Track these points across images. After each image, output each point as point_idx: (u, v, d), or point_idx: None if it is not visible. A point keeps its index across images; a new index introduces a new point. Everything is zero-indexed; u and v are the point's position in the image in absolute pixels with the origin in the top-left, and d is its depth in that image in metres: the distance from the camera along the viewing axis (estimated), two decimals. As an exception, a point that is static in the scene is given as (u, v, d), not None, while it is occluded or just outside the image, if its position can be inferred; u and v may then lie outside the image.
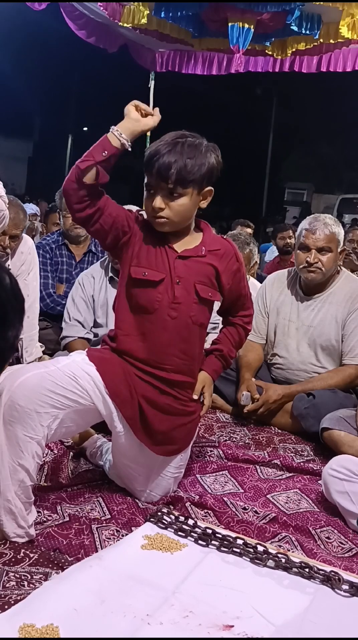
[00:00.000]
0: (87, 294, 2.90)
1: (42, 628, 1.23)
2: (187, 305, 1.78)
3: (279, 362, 2.88)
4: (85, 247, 3.62)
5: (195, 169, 1.71)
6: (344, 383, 2.69)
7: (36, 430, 1.55)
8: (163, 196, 1.73)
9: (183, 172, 1.69)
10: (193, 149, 1.72)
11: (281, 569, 1.53)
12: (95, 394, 1.67)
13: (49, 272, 3.54)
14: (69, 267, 3.59)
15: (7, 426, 1.53)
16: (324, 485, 1.92)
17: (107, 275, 2.88)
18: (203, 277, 1.81)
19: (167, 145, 1.72)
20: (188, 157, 1.70)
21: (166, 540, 1.61)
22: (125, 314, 1.80)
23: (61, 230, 3.74)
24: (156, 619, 1.30)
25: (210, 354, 1.98)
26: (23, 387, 1.55)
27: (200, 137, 1.78)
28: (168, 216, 1.74)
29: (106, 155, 1.66)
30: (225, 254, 1.87)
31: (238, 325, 2.03)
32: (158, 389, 1.77)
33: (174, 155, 1.69)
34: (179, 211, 1.75)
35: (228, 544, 1.60)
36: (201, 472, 2.14)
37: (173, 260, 1.78)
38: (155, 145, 1.73)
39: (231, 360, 2.05)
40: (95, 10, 5.87)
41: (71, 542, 1.59)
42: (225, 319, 2.06)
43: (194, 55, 6.78)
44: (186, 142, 1.72)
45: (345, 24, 5.23)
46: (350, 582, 1.49)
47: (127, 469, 1.86)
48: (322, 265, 2.72)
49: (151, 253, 1.78)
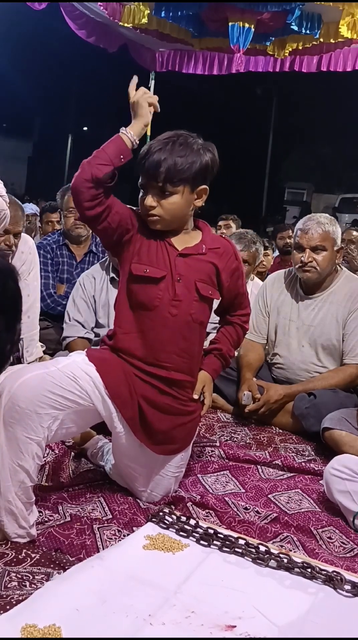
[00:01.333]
0: (88, 295, 2.90)
1: (44, 628, 1.22)
2: (187, 303, 1.78)
3: (280, 362, 2.88)
4: (86, 248, 3.62)
5: (185, 167, 1.71)
6: (345, 383, 2.68)
7: (36, 432, 1.55)
8: (154, 194, 1.74)
9: (172, 170, 1.69)
10: (185, 147, 1.72)
11: (283, 569, 1.53)
12: (95, 394, 1.67)
13: (50, 273, 3.54)
14: (69, 267, 3.58)
15: (7, 427, 1.53)
16: (326, 484, 1.92)
17: (108, 276, 2.88)
18: (204, 275, 1.81)
19: (159, 143, 1.72)
20: (178, 156, 1.70)
21: (168, 540, 1.61)
22: (125, 312, 1.80)
23: (61, 230, 3.73)
24: (157, 619, 1.29)
25: (209, 354, 1.97)
26: (24, 388, 1.55)
27: (195, 136, 1.78)
28: (159, 214, 1.75)
29: (124, 160, 1.69)
30: (224, 252, 1.87)
31: (236, 324, 2.03)
32: (157, 388, 1.77)
33: (164, 153, 1.70)
34: (171, 209, 1.75)
35: (230, 544, 1.60)
36: (203, 472, 2.14)
37: (174, 258, 1.78)
38: (148, 144, 1.74)
39: (231, 359, 2.05)
40: (95, 10, 5.88)
41: (73, 542, 1.58)
42: (223, 318, 2.06)
43: (195, 55, 6.79)
44: (178, 140, 1.73)
45: (345, 23, 5.24)
46: (352, 582, 1.49)
47: (128, 469, 1.86)
48: (317, 265, 2.73)
49: (152, 251, 1.78)
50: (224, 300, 1.96)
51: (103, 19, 6.00)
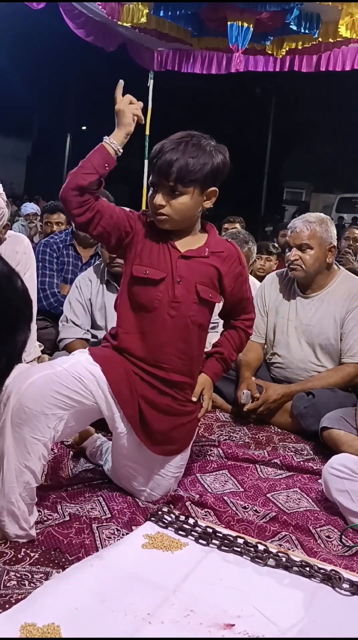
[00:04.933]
0: (85, 297, 2.91)
1: (43, 627, 1.23)
2: (187, 305, 1.78)
3: (278, 361, 2.88)
4: (92, 250, 3.58)
5: (197, 168, 1.71)
6: (343, 382, 2.69)
7: (43, 432, 1.56)
8: (164, 194, 1.74)
9: (183, 170, 1.70)
10: (197, 148, 1.72)
11: (281, 568, 1.53)
12: (99, 394, 1.68)
13: (55, 272, 3.50)
14: (74, 267, 3.55)
15: (15, 428, 1.53)
16: (324, 483, 1.92)
17: (103, 281, 2.89)
18: (205, 278, 1.81)
19: (172, 143, 1.73)
20: (191, 157, 1.70)
21: (167, 539, 1.61)
22: (126, 312, 1.81)
23: (70, 229, 3.70)
24: (156, 618, 1.30)
25: (211, 357, 1.98)
26: (31, 389, 1.56)
27: (208, 137, 1.78)
28: (168, 214, 1.75)
29: (109, 169, 1.71)
30: (228, 256, 1.87)
31: (240, 328, 2.02)
32: (157, 389, 1.77)
33: (177, 153, 1.70)
34: (180, 209, 1.75)
35: (229, 543, 1.60)
36: (201, 472, 2.14)
37: (176, 260, 1.78)
38: (161, 143, 1.74)
39: (232, 363, 2.05)
40: (94, 9, 5.87)
41: (72, 542, 1.58)
42: (227, 322, 2.06)
43: (193, 54, 6.77)
44: (191, 141, 1.73)
45: (344, 23, 5.24)
46: (351, 580, 1.49)
47: (127, 469, 1.86)
48: (303, 263, 2.73)
49: (154, 252, 1.79)
50: (227, 304, 1.96)
51: (102, 18, 5.99)
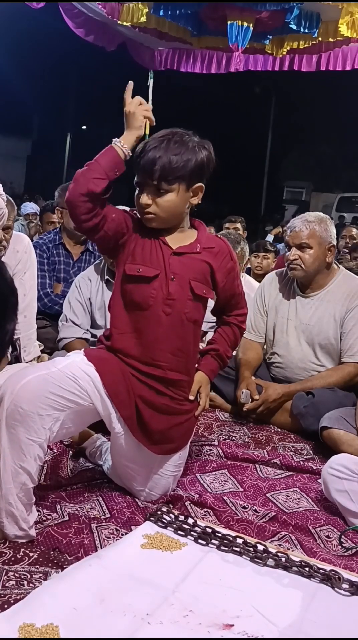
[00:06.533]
0: (84, 297, 2.91)
1: (42, 627, 1.22)
2: (181, 302, 1.78)
3: (278, 361, 2.88)
4: (83, 247, 3.60)
5: (180, 165, 1.70)
6: (343, 381, 2.68)
7: (39, 433, 1.56)
8: (150, 192, 1.73)
9: (167, 168, 1.69)
10: (180, 145, 1.72)
11: (281, 568, 1.53)
12: (94, 394, 1.67)
13: (47, 272, 3.52)
14: (66, 266, 3.57)
15: (9, 429, 1.53)
16: (324, 484, 1.92)
17: (103, 278, 2.89)
18: (198, 274, 1.81)
19: (154, 141, 1.72)
20: (173, 154, 1.70)
21: (166, 539, 1.61)
22: (120, 312, 1.80)
23: (57, 228, 3.71)
24: (156, 618, 1.30)
25: (206, 354, 1.97)
26: (26, 390, 1.55)
27: (191, 134, 1.77)
28: (155, 212, 1.74)
29: (118, 174, 1.69)
30: (219, 252, 1.87)
31: (233, 324, 2.02)
32: (154, 389, 1.77)
33: (159, 151, 1.69)
34: (166, 207, 1.74)
35: (228, 543, 1.60)
36: (201, 471, 2.14)
37: (168, 257, 1.78)
38: (144, 142, 1.74)
39: (228, 359, 2.05)
40: (94, 9, 5.87)
41: (71, 541, 1.58)
42: (220, 318, 2.05)
43: (193, 53, 6.78)
44: (173, 138, 1.72)
45: (344, 22, 5.24)
46: (350, 581, 1.49)
47: (126, 469, 1.86)
48: (302, 262, 2.73)
49: (146, 250, 1.78)
50: (220, 300, 1.96)
51: (102, 17, 6.00)
